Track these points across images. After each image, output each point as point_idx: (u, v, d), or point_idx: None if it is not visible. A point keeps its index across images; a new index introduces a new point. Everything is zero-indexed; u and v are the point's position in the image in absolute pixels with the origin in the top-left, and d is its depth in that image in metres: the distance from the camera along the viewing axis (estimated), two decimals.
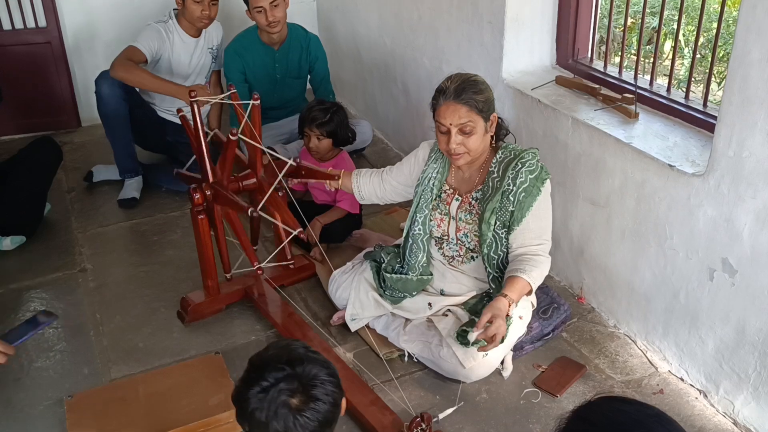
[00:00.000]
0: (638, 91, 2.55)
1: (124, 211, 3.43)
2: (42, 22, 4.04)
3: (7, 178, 3.14)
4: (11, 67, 4.00)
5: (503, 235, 2.24)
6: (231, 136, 2.29)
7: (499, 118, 2.26)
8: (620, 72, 2.70)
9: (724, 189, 2.04)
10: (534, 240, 2.24)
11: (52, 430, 2.18)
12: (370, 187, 2.55)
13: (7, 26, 3.97)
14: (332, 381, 1.38)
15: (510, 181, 2.20)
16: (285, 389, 1.33)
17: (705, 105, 2.38)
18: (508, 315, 2.11)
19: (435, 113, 2.22)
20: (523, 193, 2.18)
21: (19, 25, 4.01)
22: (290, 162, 2.37)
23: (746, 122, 1.92)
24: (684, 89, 2.48)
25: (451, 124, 2.17)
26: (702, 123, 2.34)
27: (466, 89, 2.15)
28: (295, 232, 2.31)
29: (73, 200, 3.54)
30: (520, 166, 2.20)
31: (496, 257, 2.28)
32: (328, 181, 2.54)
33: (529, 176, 2.19)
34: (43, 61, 4.10)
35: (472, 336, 2.09)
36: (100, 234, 3.26)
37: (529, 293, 2.22)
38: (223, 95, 2.42)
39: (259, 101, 2.38)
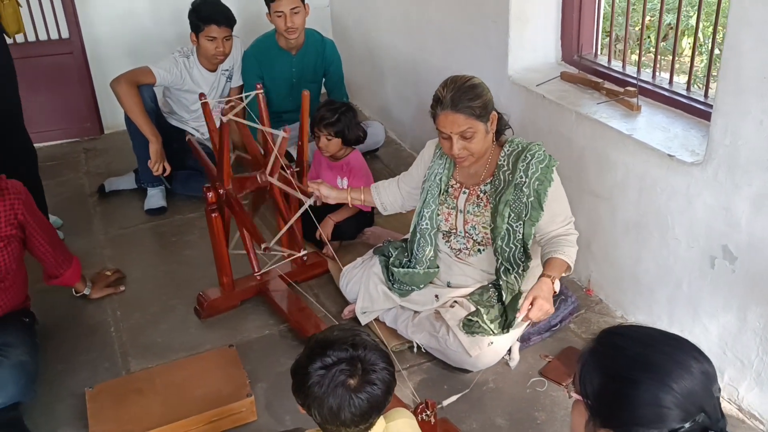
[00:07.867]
0: (640, 84, 2.58)
1: (145, 213, 3.53)
2: (65, 34, 4.18)
3: None
4: (36, 77, 4.13)
5: (517, 228, 2.29)
6: (284, 133, 2.32)
7: (498, 114, 2.31)
8: (624, 66, 2.73)
9: (721, 177, 2.07)
10: (563, 222, 2.30)
11: (73, 418, 2.27)
12: (390, 197, 2.63)
13: (31, 38, 4.11)
14: (389, 370, 1.45)
15: (522, 173, 2.25)
16: (345, 369, 1.40)
17: (706, 95, 2.40)
18: (555, 293, 2.17)
19: (435, 121, 2.27)
20: (537, 182, 2.24)
21: (43, 36, 4.14)
22: (309, 201, 2.44)
23: (740, 111, 1.95)
24: (685, 81, 2.51)
25: (451, 132, 2.23)
26: (703, 113, 2.36)
27: (462, 98, 2.19)
28: (309, 201, 2.40)
29: (95, 204, 3.65)
30: (530, 158, 2.26)
31: (508, 250, 2.32)
32: (349, 198, 2.62)
33: (540, 166, 2.25)
34: (66, 71, 4.24)
35: (518, 319, 2.18)
36: (121, 235, 3.37)
37: (568, 270, 2.26)
38: (250, 94, 2.53)
39: (262, 90, 2.55)
